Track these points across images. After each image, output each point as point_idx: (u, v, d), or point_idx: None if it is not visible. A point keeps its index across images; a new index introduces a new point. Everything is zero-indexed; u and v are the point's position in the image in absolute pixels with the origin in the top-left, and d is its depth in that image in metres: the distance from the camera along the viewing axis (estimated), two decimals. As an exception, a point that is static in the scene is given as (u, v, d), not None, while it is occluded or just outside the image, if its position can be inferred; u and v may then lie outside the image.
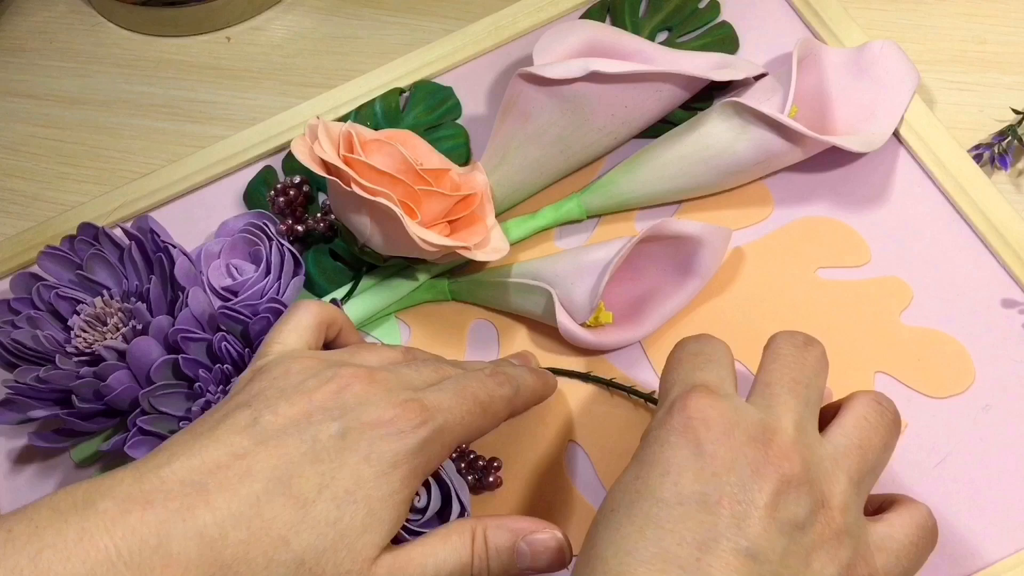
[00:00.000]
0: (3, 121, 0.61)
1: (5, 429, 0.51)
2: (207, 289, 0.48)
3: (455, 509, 0.41)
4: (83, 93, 0.61)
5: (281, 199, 0.52)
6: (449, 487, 0.42)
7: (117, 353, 0.46)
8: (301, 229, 0.52)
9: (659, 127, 0.52)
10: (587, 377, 0.48)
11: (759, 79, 0.52)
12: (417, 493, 0.40)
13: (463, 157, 0.54)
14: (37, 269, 0.49)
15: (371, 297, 0.51)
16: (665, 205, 0.52)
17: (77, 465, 0.49)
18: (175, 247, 0.47)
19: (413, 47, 0.58)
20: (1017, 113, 0.51)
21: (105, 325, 0.47)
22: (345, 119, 0.56)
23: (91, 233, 0.49)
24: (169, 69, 0.62)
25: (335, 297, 0.50)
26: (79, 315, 0.47)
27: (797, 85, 0.49)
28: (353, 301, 0.50)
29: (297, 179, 0.53)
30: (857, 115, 0.50)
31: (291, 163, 0.56)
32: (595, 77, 0.48)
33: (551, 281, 0.47)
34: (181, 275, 0.47)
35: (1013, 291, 0.48)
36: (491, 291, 0.50)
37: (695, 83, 0.51)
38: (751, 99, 0.49)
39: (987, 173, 0.50)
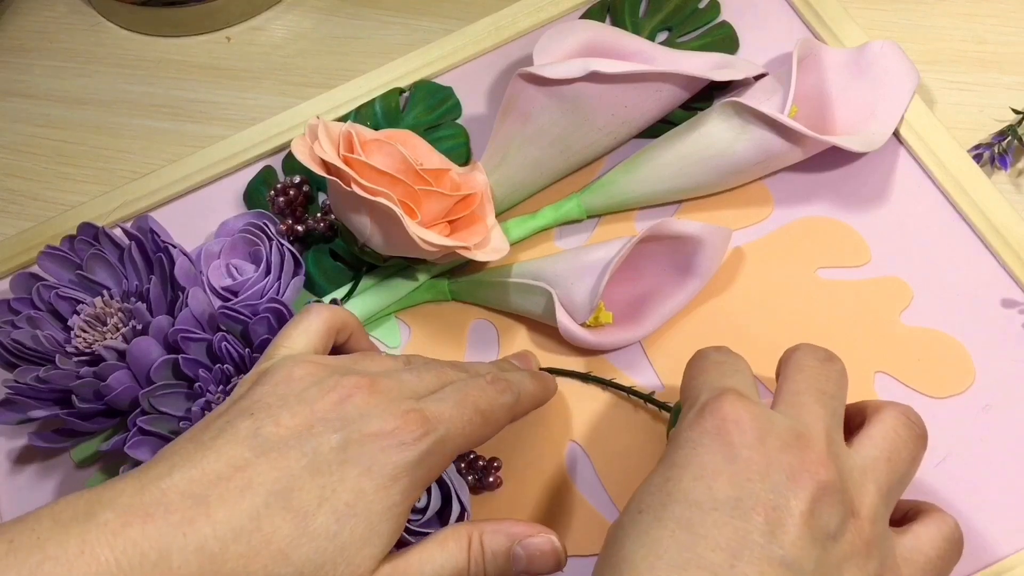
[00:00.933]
0: (3, 121, 0.61)
1: (5, 429, 0.51)
2: (207, 289, 0.48)
3: (455, 509, 0.41)
4: (83, 93, 0.61)
5: (281, 199, 0.52)
6: (449, 487, 0.42)
7: (117, 353, 0.46)
8: (301, 229, 0.52)
9: (659, 127, 0.52)
10: (587, 377, 0.48)
11: (759, 79, 0.52)
12: (417, 494, 0.40)
13: (463, 157, 0.54)
14: (37, 269, 0.49)
15: (371, 297, 0.51)
16: (665, 205, 0.52)
17: (77, 465, 0.49)
18: (175, 247, 0.47)
19: (413, 47, 0.58)
20: (1017, 113, 0.51)
21: (105, 325, 0.47)
22: (345, 119, 0.56)
23: (91, 233, 0.49)
24: (169, 69, 0.62)
25: (335, 297, 0.50)
26: (79, 315, 0.47)
27: (797, 85, 0.49)
28: (353, 301, 0.50)
29: (297, 179, 0.53)
30: (857, 115, 0.50)
31: (291, 163, 0.56)
32: (595, 77, 0.48)
33: (551, 281, 0.47)
34: (181, 275, 0.47)
35: (1013, 291, 0.48)
36: (491, 291, 0.50)
37: (695, 83, 0.51)
38: (751, 99, 0.49)
39: (987, 173, 0.50)
